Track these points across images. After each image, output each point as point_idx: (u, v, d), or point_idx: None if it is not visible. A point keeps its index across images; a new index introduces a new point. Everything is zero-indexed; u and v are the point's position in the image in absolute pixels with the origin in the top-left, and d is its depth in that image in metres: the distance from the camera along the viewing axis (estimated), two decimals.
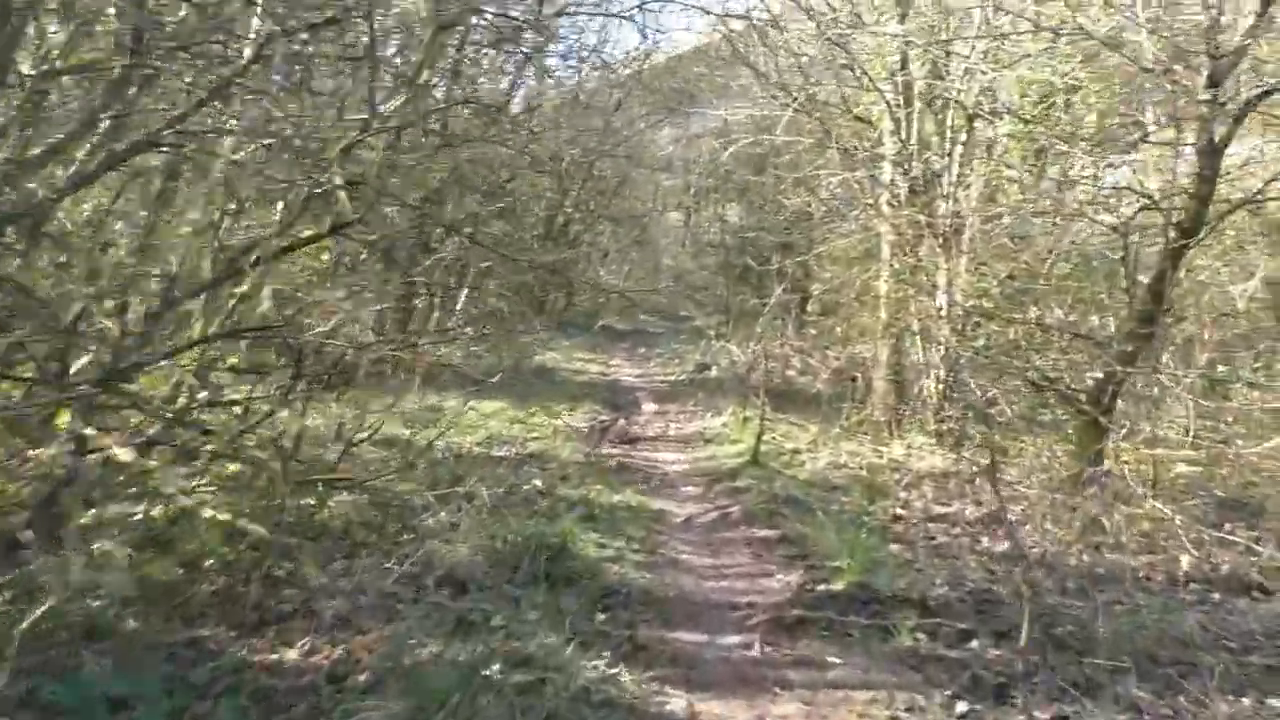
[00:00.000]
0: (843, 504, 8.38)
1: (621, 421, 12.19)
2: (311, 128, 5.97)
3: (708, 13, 19.26)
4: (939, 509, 8.85)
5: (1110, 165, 10.83)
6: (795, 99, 14.29)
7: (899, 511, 8.58)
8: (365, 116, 6.03)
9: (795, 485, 8.80)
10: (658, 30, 46.35)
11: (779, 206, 21.11)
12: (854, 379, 14.03)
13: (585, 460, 9.62)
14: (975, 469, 10.48)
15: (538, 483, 8.31)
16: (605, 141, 27.16)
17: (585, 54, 27.95)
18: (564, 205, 27.79)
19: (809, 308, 20.44)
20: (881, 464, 10.58)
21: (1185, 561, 6.95)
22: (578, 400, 13.76)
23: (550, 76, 27.11)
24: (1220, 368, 12.26)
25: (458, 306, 16.89)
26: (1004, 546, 7.54)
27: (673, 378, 17.15)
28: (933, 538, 7.67)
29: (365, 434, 7.05)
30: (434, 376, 14.66)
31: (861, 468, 10.28)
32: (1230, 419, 10.29)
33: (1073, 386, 11.12)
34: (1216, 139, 8.42)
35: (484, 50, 19.71)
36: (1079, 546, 7.55)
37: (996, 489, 7.82)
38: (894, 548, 7.10)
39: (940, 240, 12.49)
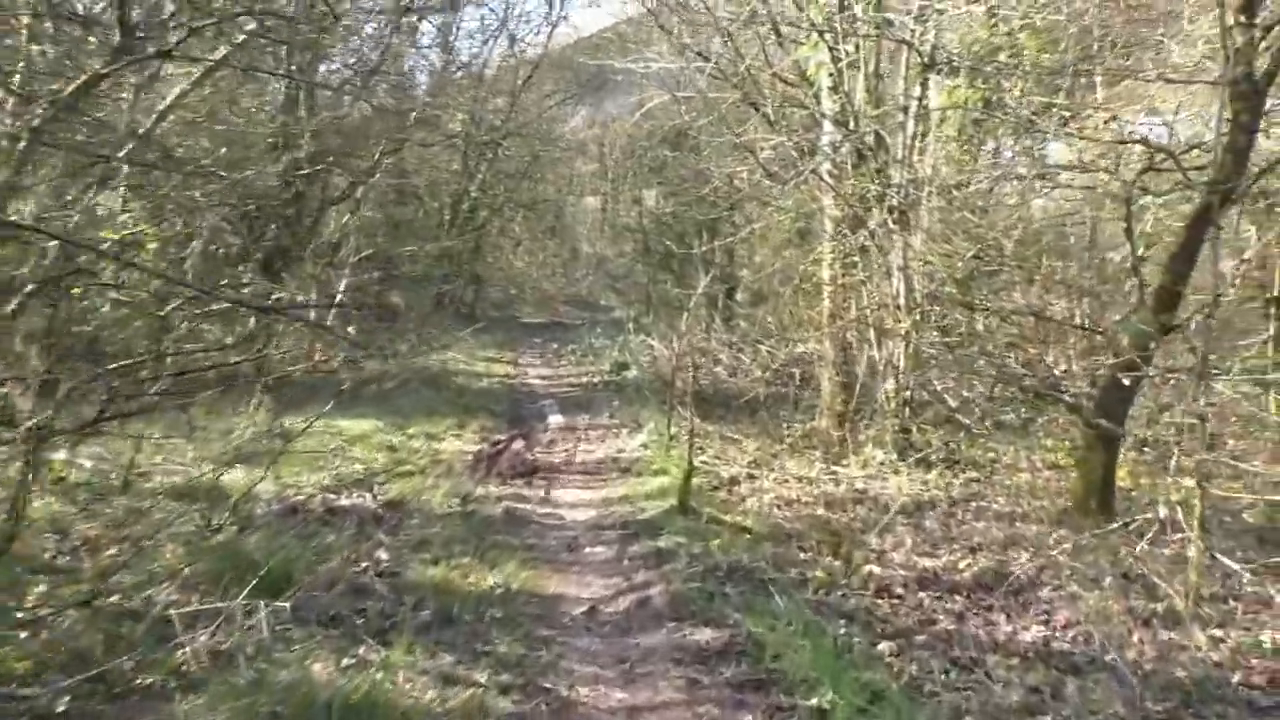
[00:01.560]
0: (803, 569, 6.03)
1: (519, 443, 9.69)
2: None
3: None
4: (925, 562, 6.57)
5: (1115, 118, 8.60)
6: (714, 63, 11.97)
7: (877, 571, 6.27)
8: None
9: (738, 542, 6.42)
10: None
11: (701, 183, 18.80)
12: (798, 381, 11.76)
13: (461, 508, 7.13)
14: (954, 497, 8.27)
15: (382, 555, 5.81)
16: (512, 121, 24.54)
17: (491, 28, 25.34)
18: (469, 189, 25.11)
19: (737, 297, 18.09)
20: (840, 493, 8.29)
21: None
22: (471, 414, 11.24)
23: (454, 53, 24.44)
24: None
25: (336, 297, 14.19)
26: (1033, 634, 5.28)
27: (587, 379, 14.69)
28: (932, 621, 5.36)
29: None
30: (301, 387, 12.03)
31: (817, 500, 7.97)
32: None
33: (1075, 391, 8.96)
34: (1257, 74, 6.25)
35: (388, 24, 17.01)
36: (1134, 627, 5.32)
37: None
38: (887, 651, 4.76)
39: (893, 214, 10.24)
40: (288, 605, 4.39)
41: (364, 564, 5.61)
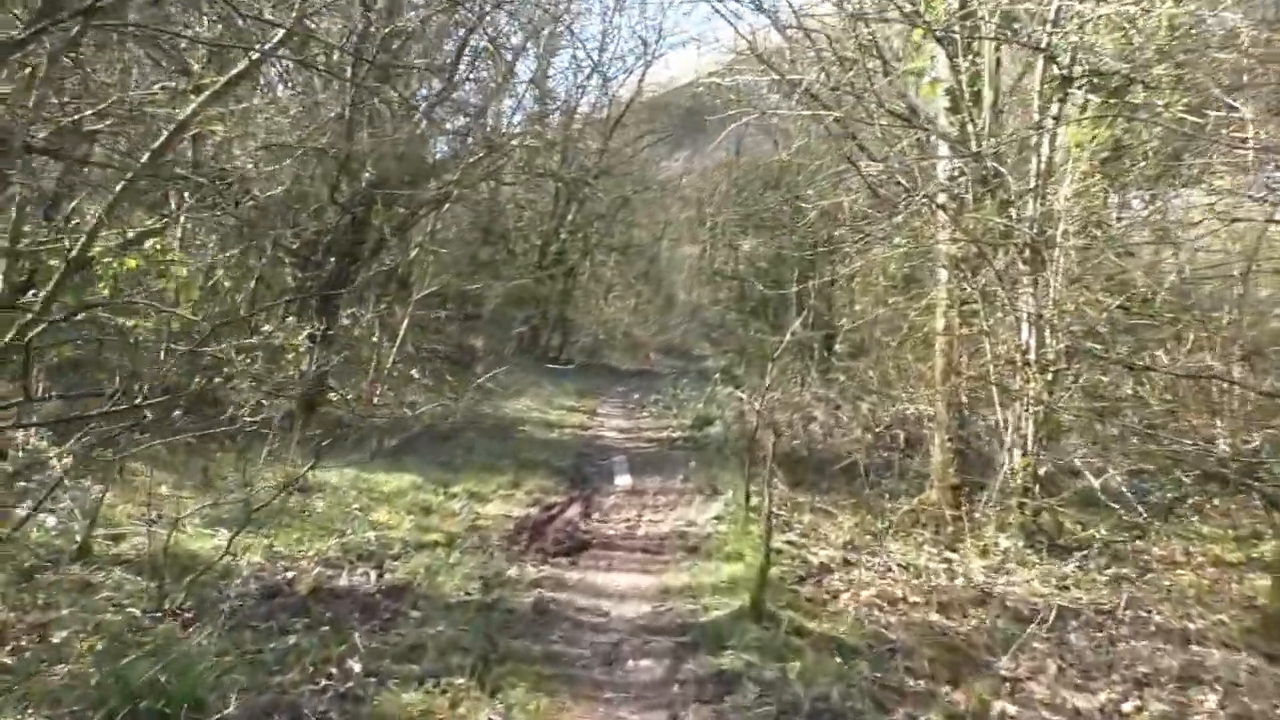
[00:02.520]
0: (913, 709, 4.39)
1: (575, 509, 8.23)
2: None
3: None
4: (1078, 700, 4.87)
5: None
6: (813, 93, 10.50)
7: (1012, 713, 4.61)
8: None
9: (826, 664, 4.80)
10: (659, 38, 42.49)
11: (798, 221, 17.27)
12: (903, 445, 10.04)
13: (481, 596, 5.67)
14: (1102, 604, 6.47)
15: (354, 667, 4.37)
16: (604, 161, 23.45)
17: (585, 66, 24.40)
18: (559, 230, 24.04)
19: (836, 348, 16.39)
20: (956, 591, 6.58)
21: None
22: (530, 470, 9.82)
23: (548, 95, 23.50)
24: None
25: (399, 335, 12.98)
26: None
27: (667, 434, 13.16)
28: None
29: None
30: (344, 434, 10.83)
31: (928, 599, 6.28)
32: None
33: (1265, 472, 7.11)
34: None
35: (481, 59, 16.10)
36: None
37: None
38: None
39: (1023, 253, 8.56)
40: None
41: (324, 681, 4.18)
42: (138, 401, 4.49)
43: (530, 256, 23.80)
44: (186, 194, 11.65)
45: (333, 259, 12.04)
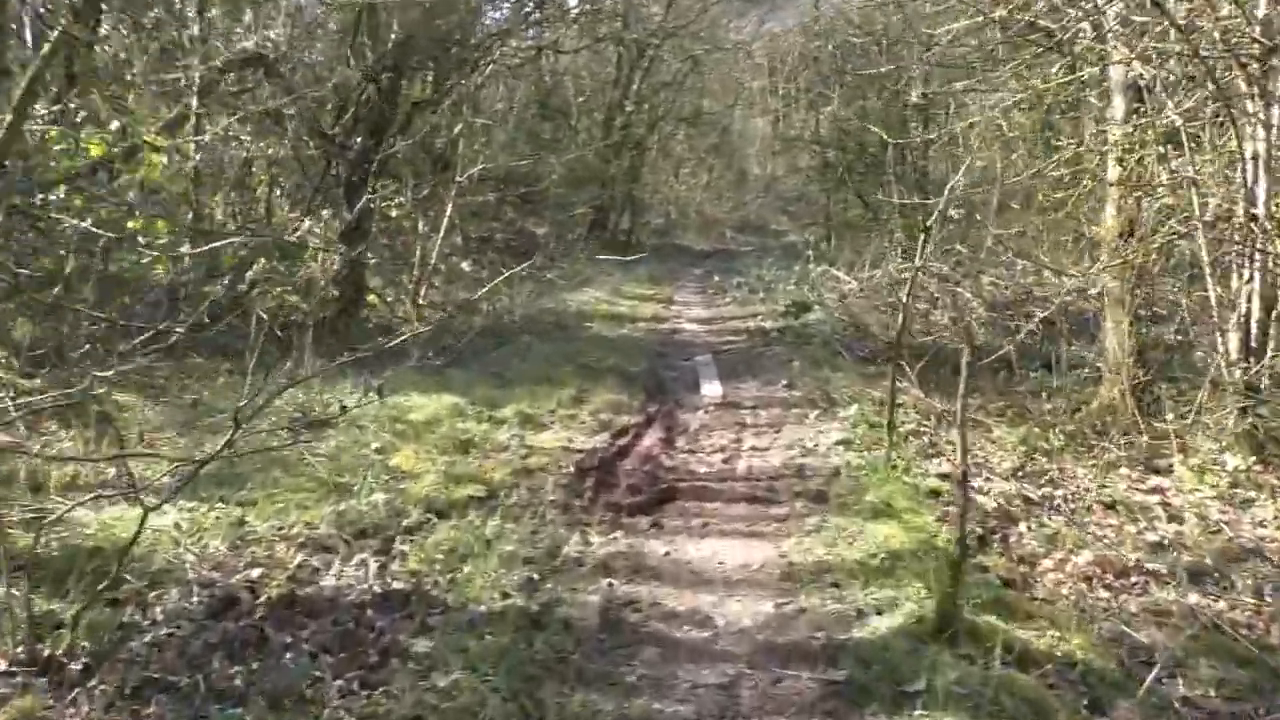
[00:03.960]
0: None
1: (654, 435, 6.28)
2: None
3: None
4: None
5: None
6: None
7: None
8: None
9: None
10: None
11: (896, 69, 14.69)
12: (1065, 331, 7.79)
13: (526, 602, 3.78)
14: None
15: None
16: (668, 21, 20.74)
17: None
18: (623, 102, 21.54)
19: (953, 213, 13.92)
20: (1196, 540, 4.55)
21: None
22: (598, 379, 7.89)
23: None
24: None
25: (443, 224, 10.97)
26: None
27: (756, 324, 11.06)
28: None
29: None
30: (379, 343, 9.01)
31: (1172, 570, 4.23)
32: None
33: None
34: None
35: None
36: None
37: None
38: None
39: (1249, 68, 6.15)
40: None
41: None
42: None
43: (593, 132, 21.47)
44: (198, 76, 9.76)
45: (358, 138, 10.02)
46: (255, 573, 3.91)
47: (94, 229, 5.72)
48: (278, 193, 11.56)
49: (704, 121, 26.42)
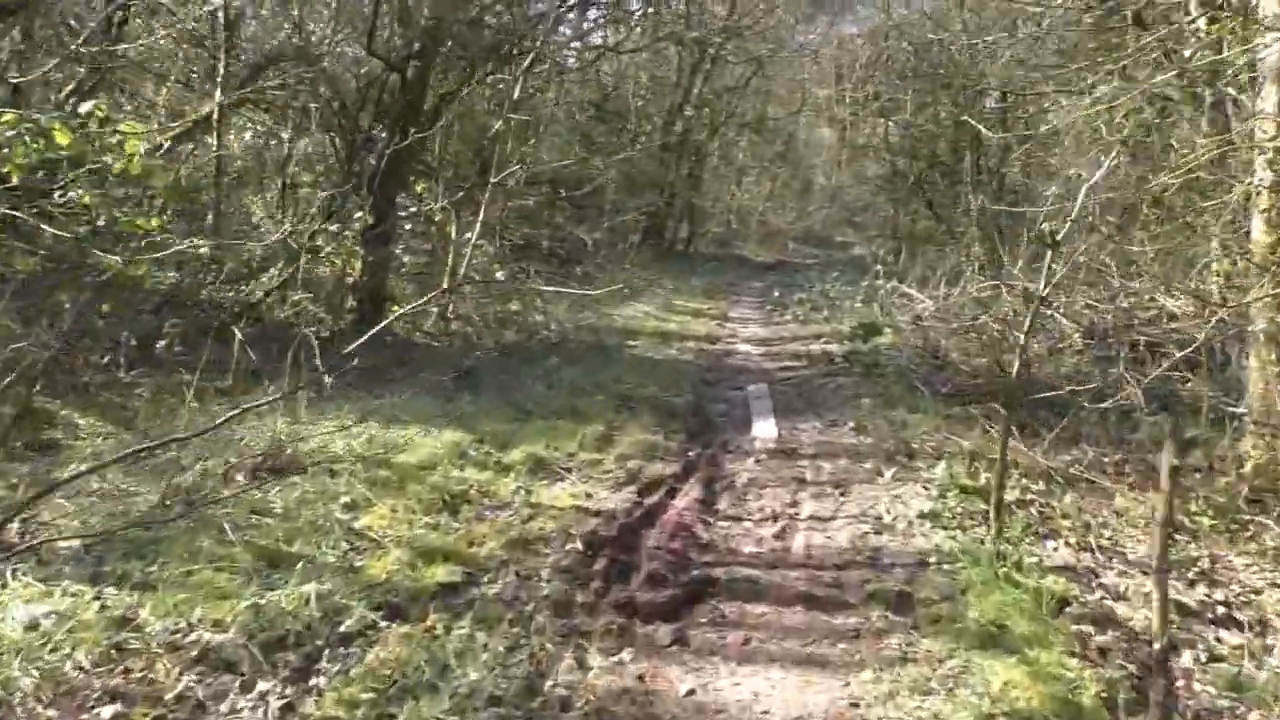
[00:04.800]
0: None
1: (688, 495, 5.02)
2: None
3: None
4: None
5: None
6: None
7: None
8: None
9: None
10: None
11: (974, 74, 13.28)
12: (1181, 364, 6.32)
13: None
14: None
15: None
16: (733, 19, 19.46)
17: None
18: (683, 107, 20.31)
19: (1049, 227, 12.41)
20: None
21: None
22: (629, 413, 6.65)
23: None
24: None
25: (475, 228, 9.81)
26: None
27: (818, 347, 9.72)
28: None
29: None
30: (410, 361, 7.89)
31: None
32: None
33: None
34: None
35: None
36: None
37: None
38: None
39: None
40: None
41: None
42: None
43: (652, 136, 20.27)
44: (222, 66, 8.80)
45: (383, 133, 8.93)
46: (108, 714, 2.74)
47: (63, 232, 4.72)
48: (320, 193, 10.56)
49: (768, 128, 25.08)
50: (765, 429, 6.33)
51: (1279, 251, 5.61)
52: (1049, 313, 9.11)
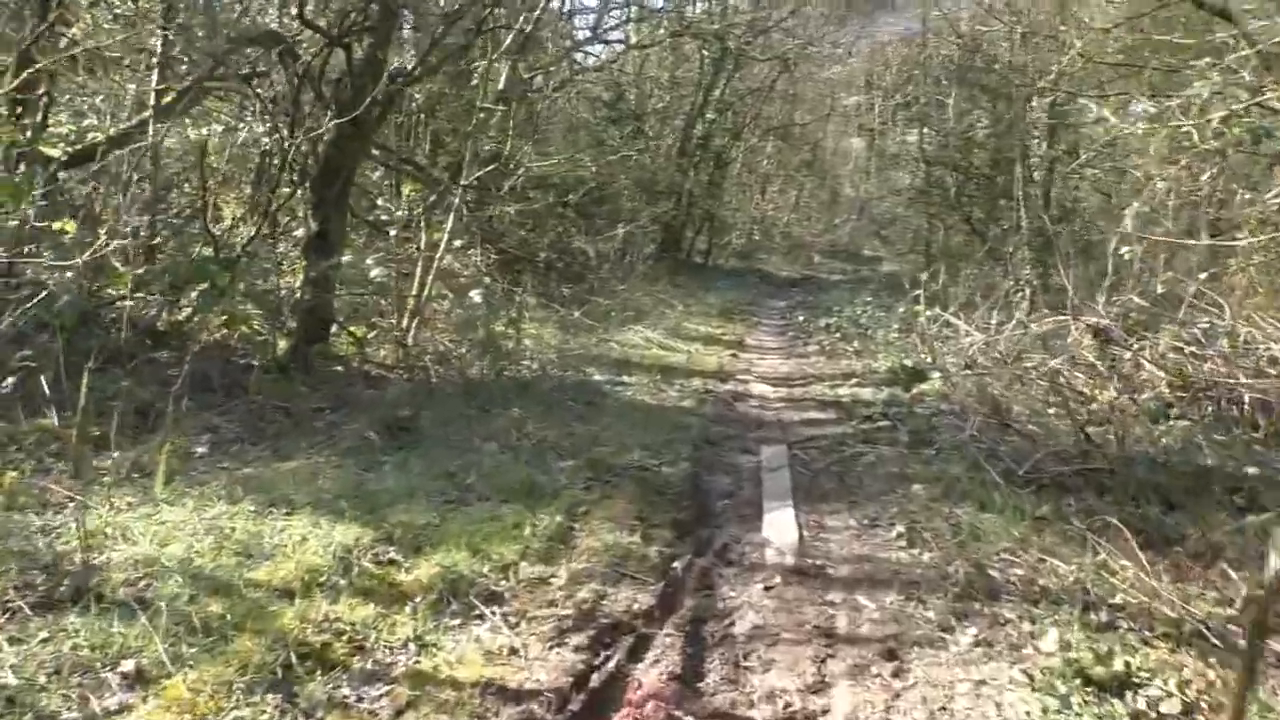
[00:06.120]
0: None
1: (667, 660, 3.28)
2: None
3: None
4: None
5: None
6: None
7: None
8: None
9: None
10: None
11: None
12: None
13: None
14: None
15: None
16: (758, 18, 17.72)
17: None
18: (704, 110, 18.55)
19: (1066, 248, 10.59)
20: None
21: None
22: (601, 490, 4.93)
23: None
24: None
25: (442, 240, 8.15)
26: None
27: (850, 393, 7.92)
28: None
29: None
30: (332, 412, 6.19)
31: None
32: None
33: None
34: None
35: None
36: None
37: None
38: None
39: None
40: None
41: None
42: None
43: (670, 139, 18.56)
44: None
45: (332, 119, 7.23)
46: None
47: None
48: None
49: (794, 136, 23.29)
50: (782, 528, 4.55)
51: None
52: (1129, 356, 7.31)
